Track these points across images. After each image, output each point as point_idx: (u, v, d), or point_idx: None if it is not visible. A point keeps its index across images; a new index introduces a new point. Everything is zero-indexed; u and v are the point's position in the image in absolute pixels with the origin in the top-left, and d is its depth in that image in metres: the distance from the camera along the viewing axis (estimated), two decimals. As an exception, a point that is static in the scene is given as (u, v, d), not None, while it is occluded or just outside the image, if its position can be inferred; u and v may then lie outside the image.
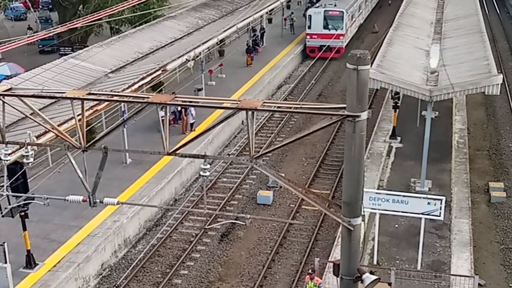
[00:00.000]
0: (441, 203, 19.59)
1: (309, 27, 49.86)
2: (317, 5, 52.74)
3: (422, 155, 25.53)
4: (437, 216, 19.86)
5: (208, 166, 10.77)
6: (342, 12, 49.48)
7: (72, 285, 20.82)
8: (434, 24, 38.52)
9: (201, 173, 10.84)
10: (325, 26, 49.46)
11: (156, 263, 23.33)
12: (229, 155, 32.44)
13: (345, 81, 9.76)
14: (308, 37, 49.99)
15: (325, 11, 49.75)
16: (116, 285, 21.94)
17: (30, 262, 20.64)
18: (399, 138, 31.33)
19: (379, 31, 56.46)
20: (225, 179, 29.72)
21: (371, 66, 16.18)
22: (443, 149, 29.77)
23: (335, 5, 50.42)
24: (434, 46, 31.13)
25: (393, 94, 30.10)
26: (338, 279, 10.43)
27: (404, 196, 20.27)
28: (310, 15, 49.85)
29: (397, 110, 31.07)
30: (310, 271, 19.11)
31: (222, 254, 23.80)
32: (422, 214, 19.92)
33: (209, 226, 25.34)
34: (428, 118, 25.15)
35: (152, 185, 26.59)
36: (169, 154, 10.74)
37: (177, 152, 10.81)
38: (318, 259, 20.03)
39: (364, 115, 9.27)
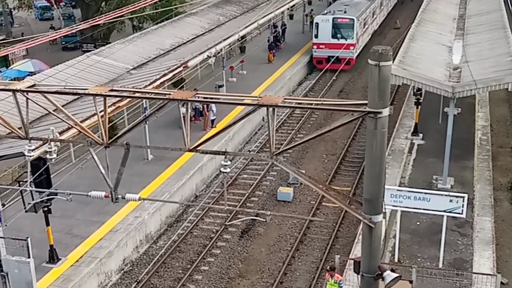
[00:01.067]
0: (463, 201, 19.41)
1: (316, 36, 45.36)
2: (325, 11, 47.75)
3: (444, 152, 25.30)
4: (459, 213, 19.68)
5: (229, 162, 10.79)
6: (353, 19, 44.73)
7: (94, 280, 21.02)
8: (457, 20, 38.13)
9: (222, 169, 10.87)
10: (334, 35, 44.91)
11: (177, 258, 23.45)
12: (249, 151, 32.45)
13: (367, 77, 9.70)
14: (314, 47, 45.61)
15: (333, 18, 44.99)
16: (138, 281, 22.10)
17: (53, 257, 20.88)
18: (421, 134, 31.10)
19: (401, 27, 56.05)
20: (245, 176, 29.75)
21: (393, 62, 16.07)
22: (465, 146, 29.49)
23: (345, 12, 45.81)
24: (456, 42, 30.84)
25: (415, 90, 29.88)
26: (359, 276, 10.41)
27: (426, 193, 20.11)
28: (317, 23, 45.41)
29: (419, 106, 30.83)
30: (328, 268, 19.03)
31: (242, 250, 23.85)
32: (444, 211, 19.76)
33: (230, 223, 25.40)
34: (451, 114, 24.92)
35: (173, 181, 26.72)
36: (190, 150, 10.79)
37: (198, 148, 10.85)
38: (339, 256, 19.96)
39: (385, 112, 9.22)
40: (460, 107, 33.44)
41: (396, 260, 21.08)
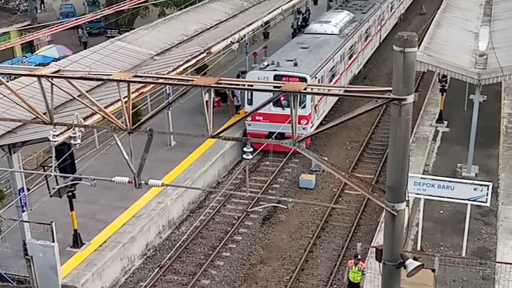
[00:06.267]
0: (487, 189, 19.19)
1: (250, 103, 29.15)
2: (265, 63, 29.97)
3: (469, 140, 25.02)
4: (483, 202, 19.47)
5: (251, 149, 10.78)
6: (305, 78, 27.93)
7: (117, 265, 21.24)
8: (483, 5, 37.51)
9: (244, 156, 10.86)
10: (276, 102, 27.14)
11: (199, 244, 23.58)
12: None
13: (391, 64, 9.60)
14: (248, 118, 28.51)
15: (275, 76, 28.13)
16: (160, 266, 22.28)
17: (77, 242, 21.12)
18: (446, 122, 30.77)
19: (426, 12, 55.33)
20: (267, 163, 29.72)
21: (418, 48, 15.88)
22: (491, 134, 29.11)
23: (295, 64, 29.28)
24: (483, 28, 30.39)
25: (440, 77, 29.54)
26: (381, 264, 10.36)
27: (450, 181, 19.92)
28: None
29: (444, 93, 30.48)
30: (358, 256, 18.89)
31: (263, 237, 23.89)
32: (468, 200, 19.56)
33: (251, 209, 25.44)
34: (476, 102, 24.60)
35: (195, 167, 26.82)
36: (212, 136, 10.79)
37: (221, 135, 10.85)
38: (361, 244, 19.91)
39: (410, 98, 9.13)
40: (486, 94, 32.92)
41: (418, 248, 20.97)
